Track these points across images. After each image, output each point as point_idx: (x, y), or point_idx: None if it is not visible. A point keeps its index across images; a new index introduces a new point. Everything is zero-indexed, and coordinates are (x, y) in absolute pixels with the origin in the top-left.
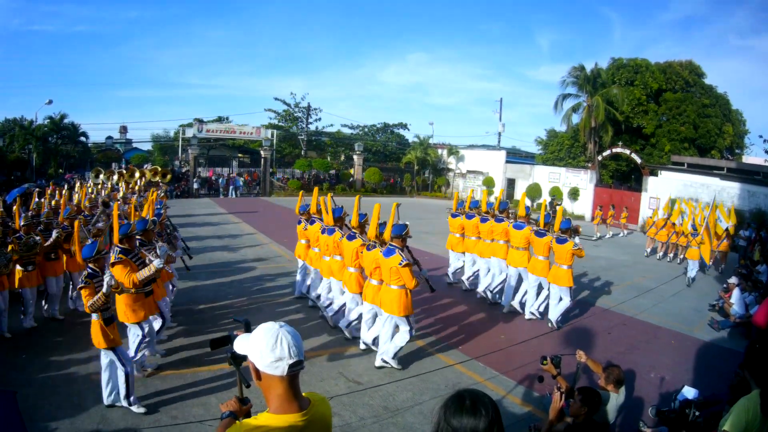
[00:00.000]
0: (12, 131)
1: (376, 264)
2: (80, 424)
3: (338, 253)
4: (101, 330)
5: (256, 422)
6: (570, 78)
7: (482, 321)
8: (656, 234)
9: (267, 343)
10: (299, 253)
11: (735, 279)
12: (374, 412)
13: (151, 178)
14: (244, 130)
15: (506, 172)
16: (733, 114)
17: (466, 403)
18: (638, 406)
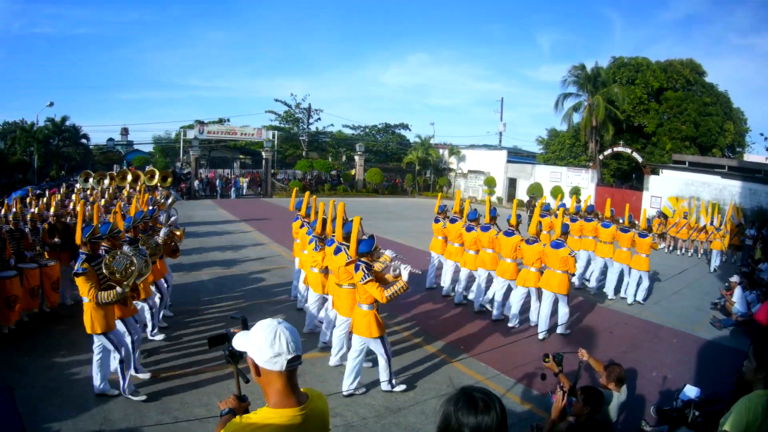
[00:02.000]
0: (13, 134)
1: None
2: (82, 424)
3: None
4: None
5: (255, 417)
6: (571, 77)
7: (482, 320)
8: (677, 233)
9: (266, 338)
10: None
11: (737, 277)
12: (376, 411)
13: (147, 181)
14: (245, 132)
15: (507, 172)
16: (734, 112)
17: (479, 402)
18: (640, 404)
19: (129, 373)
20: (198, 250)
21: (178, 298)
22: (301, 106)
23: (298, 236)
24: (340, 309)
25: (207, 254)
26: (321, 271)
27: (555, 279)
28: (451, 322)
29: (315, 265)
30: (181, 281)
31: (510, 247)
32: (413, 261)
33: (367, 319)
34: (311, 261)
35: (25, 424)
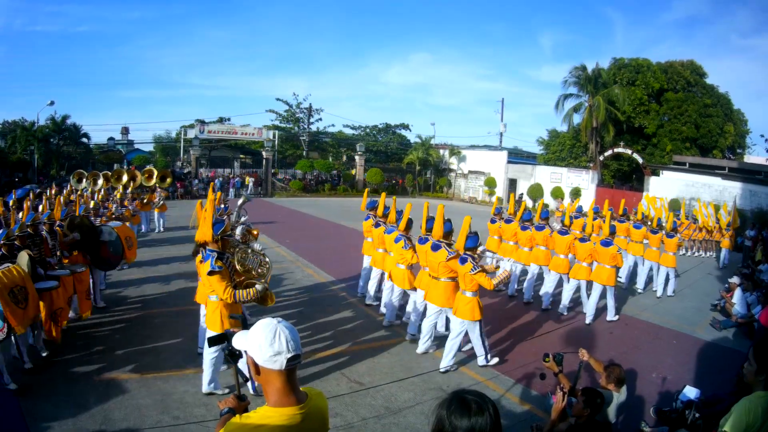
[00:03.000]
0: (14, 132)
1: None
2: (82, 424)
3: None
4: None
5: (254, 416)
6: (572, 78)
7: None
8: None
9: (266, 337)
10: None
11: (737, 278)
12: (376, 412)
13: (145, 181)
14: (245, 131)
15: (508, 173)
16: (734, 114)
17: (471, 404)
18: (640, 406)
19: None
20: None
21: (178, 298)
22: (302, 105)
23: (370, 235)
24: (436, 300)
25: None
26: (408, 268)
27: (605, 273)
28: None
29: (403, 262)
30: (180, 280)
31: (564, 245)
32: None
33: (471, 305)
34: (398, 258)
35: (26, 423)
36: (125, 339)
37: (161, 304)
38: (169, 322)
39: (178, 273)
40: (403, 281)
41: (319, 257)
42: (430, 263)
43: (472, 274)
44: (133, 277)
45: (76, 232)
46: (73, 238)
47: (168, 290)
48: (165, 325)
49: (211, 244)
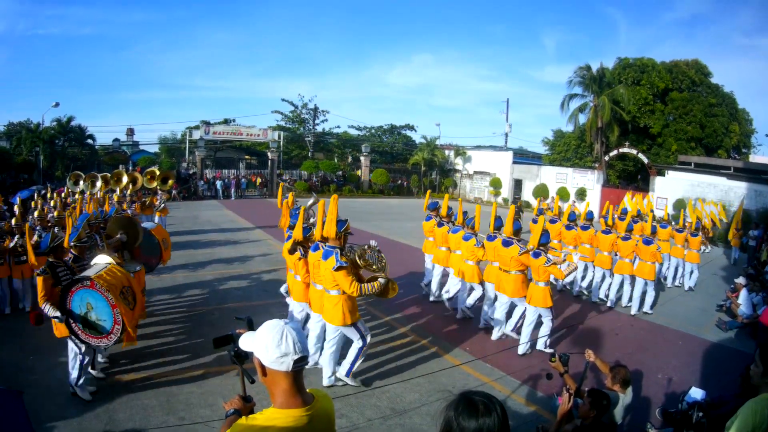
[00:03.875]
0: (19, 134)
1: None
2: (87, 424)
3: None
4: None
5: (260, 417)
6: (576, 78)
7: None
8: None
9: (273, 339)
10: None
11: (743, 279)
12: (382, 413)
13: (146, 183)
14: (250, 132)
15: (513, 173)
16: (739, 113)
17: (479, 405)
18: (645, 407)
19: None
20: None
21: (183, 298)
22: (307, 106)
23: (432, 234)
24: (507, 291)
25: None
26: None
27: (646, 268)
28: (458, 324)
29: (473, 258)
30: (185, 281)
31: (608, 243)
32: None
33: (544, 293)
34: (467, 255)
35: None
36: None
37: (167, 305)
38: (175, 323)
39: (184, 276)
40: (472, 276)
41: None
42: (502, 258)
43: (546, 266)
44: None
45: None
46: (119, 239)
47: (174, 292)
48: (171, 326)
49: (332, 240)
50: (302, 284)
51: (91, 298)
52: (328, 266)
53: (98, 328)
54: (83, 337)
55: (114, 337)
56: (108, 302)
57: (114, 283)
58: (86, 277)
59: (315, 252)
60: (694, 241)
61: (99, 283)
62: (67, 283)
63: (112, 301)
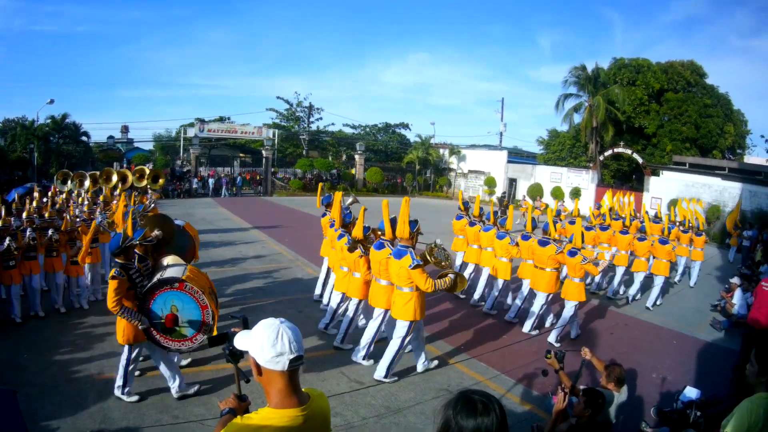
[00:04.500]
0: (14, 131)
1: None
2: (81, 423)
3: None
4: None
5: (256, 417)
6: (572, 78)
7: (483, 320)
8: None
9: (268, 338)
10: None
11: (737, 279)
12: (376, 411)
13: (136, 182)
14: (245, 130)
15: (508, 172)
16: (734, 114)
17: (477, 404)
18: (640, 406)
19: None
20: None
21: None
22: (302, 104)
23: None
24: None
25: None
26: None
27: (662, 266)
28: (453, 322)
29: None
30: None
31: (625, 242)
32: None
33: (579, 289)
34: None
35: (25, 423)
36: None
37: None
38: None
39: None
40: (505, 272)
41: (318, 256)
42: (538, 256)
43: (583, 264)
44: None
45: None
46: (157, 236)
47: None
48: None
49: (405, 240)
50: (361, 280)
51: (177, 299)
52: (404, 264)
53: (181, 330)
54: (163, 341)
55: (198, 340)
56: (198, 303)
57: (201, 283)
58: (176, 278)
59: (380, 250)
60: (698, 240)
61: (189, 284)
62: (151, 285)
63: (203, 302)
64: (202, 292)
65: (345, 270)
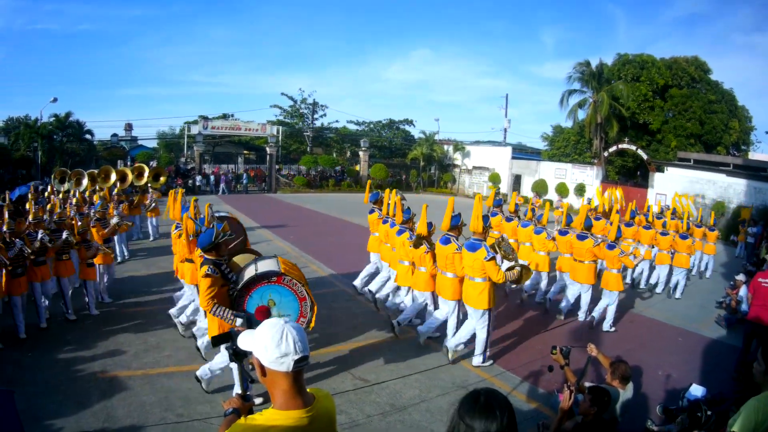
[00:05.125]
0: (17, 129)
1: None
2: (85, 422)
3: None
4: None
5: (260, 418)
6: (576, 74)
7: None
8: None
9: (272, 338)
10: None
11: (743, 276)
12: (381, 409)
13: (135, 180)
14: (249, 127)
15: (512, 168)
16: (739, 110)
17: (487, 404)
18: (645, 403)
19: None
20: None
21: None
22: (306, 101)
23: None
24: (581, 279)
25: None
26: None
27: (683, 258)
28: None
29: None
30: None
31: (648, 237)
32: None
33: (617, 279)
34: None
35: (28, 422)
36: (128, 335)
37: (165, 301)
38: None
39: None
40: (543, 265)
41: (323, 253)
42: (577, 250)
43: (620, 257)
44: (136, 275)
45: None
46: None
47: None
48: (168, 322)
49: (478, 234)
50: (427, 274)
51: (275, 293)
52: (478, 257)
53: None
54: None
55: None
56: (296, 295)
57: (297, 274)
58: (274, 272)
59: (446, 245)
60: (711, 235)
61: (288, 276)
62: (247, 281)
63: (301, 294)
64: (300, 283)
65: (406, 264)
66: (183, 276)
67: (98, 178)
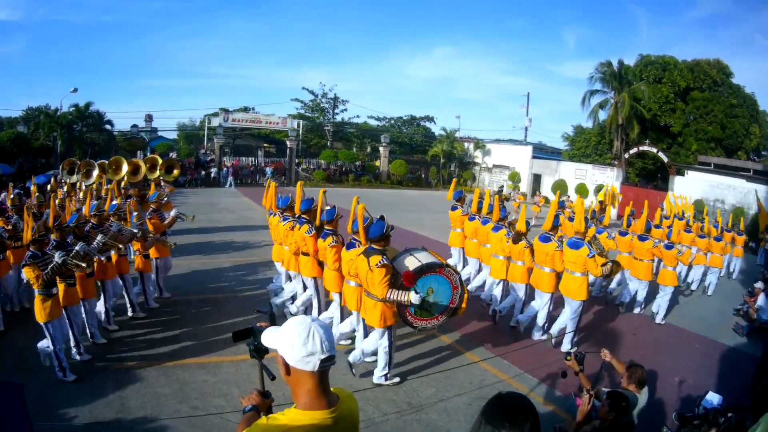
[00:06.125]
0: (37, 119)
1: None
2: (99, 412)
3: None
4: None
5: (284, 418)
6: (597, 74)
7: (506, 318)
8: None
9: (299, 337)
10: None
11: (761, 284)
12: (397, 407)
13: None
14: (270, 120)
15: (532, 168)
16: (759, 115)
17: (505, 404)
18: (661, 410)
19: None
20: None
21: (199, 285)
22: (327, 96)
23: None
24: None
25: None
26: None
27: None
28: (476, 320)
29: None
30: (201, 268)
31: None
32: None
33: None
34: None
35: (42, 411)
36: (144, 326)
37: (182, 292)
38: (189, 310)
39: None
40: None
41: None
42: (638, 249)
43: (679, 256)
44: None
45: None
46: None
47: (189, 279)
48: (185, 313)
49: (581, 234)
50: (524, 268)
51: (435, 282)
52: (581, 254)
53: (431, 310)
54: (411, 320)
55: (442, 318)
56: (452, 285)
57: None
58: (437, 263)
59: (547, 243)
60: (739, 239)
61: (448, 268)
62: (414, 270)
63: (455, 283)
64: (457, 274)
65: (501, 258)
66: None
67: (109, 169)
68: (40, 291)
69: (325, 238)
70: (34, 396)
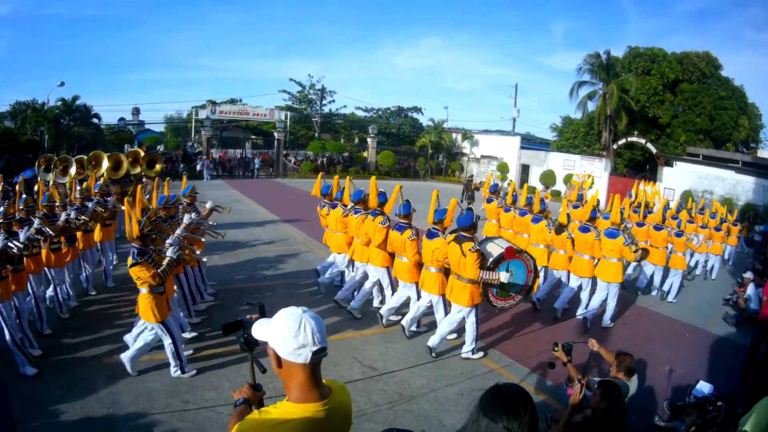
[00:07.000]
0: (24, 113)
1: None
2: (90, 407)
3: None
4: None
5: (275, 411)
6: (586, 65)
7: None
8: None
9: (290, 329)
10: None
11: (750, 274)
12: (389, 398)
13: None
14: (257, 112)
15: (521, 158)
16: (748, 107)
17: (503, 396)
18: (652, 399)
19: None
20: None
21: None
22: (315, 87)
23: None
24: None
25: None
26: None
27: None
28: None
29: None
30: None
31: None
32: None
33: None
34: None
35: (32, 407)
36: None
37: None
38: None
39: None
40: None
41: None
42: (654, 238)
43: (687, 243)
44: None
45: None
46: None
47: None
48: None
49: (617, 224)
50: (566, 256)
51: (513, 266)
52: (618, 243)
53: (510, 290)
54: (492, 299)
55: (518, 298)
56: (527, 269)
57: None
58: (517, 249)
59: (587, 233)
60: (734, 229)
61: (526, 253)
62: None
63: (530, 268)
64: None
65: (541, 247)
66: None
67: (88, 165)
68: None
69: (402, 232)
70: (24, 392)
